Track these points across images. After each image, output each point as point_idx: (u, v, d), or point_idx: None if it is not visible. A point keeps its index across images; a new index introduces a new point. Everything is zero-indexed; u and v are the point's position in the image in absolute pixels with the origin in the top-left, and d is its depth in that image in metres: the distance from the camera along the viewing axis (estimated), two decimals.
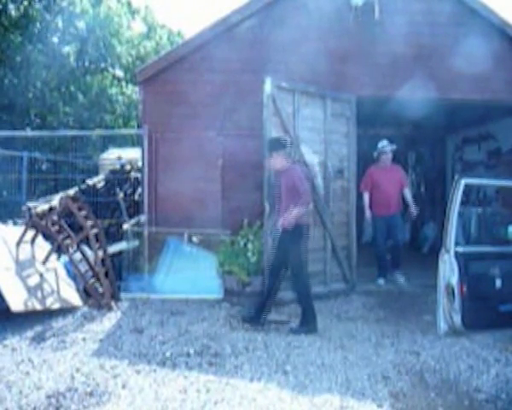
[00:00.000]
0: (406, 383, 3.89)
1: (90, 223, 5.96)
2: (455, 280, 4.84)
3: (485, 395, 3.69)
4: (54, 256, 6.06)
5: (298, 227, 5.02)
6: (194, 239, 6.78)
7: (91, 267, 6.03)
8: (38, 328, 5.02)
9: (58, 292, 5.65)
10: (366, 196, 7.47)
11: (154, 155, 7.09)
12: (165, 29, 20.55)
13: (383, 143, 7.49)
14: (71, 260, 5.88)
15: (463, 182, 4.94)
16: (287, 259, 5.17)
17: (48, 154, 10.07)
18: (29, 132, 11.75)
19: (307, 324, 5.10)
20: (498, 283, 5.00)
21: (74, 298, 5.79)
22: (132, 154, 9.40)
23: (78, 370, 4.01)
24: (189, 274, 6.49)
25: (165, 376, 3.91)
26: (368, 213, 7.44)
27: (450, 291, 4.87)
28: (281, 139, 5.30)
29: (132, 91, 17.37)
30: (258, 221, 6.45)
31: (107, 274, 6.02)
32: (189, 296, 6.19)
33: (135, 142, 11.92)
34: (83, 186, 8.09)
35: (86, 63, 16.54)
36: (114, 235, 7.23)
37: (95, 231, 5.99)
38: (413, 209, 7.37)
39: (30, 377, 3.88)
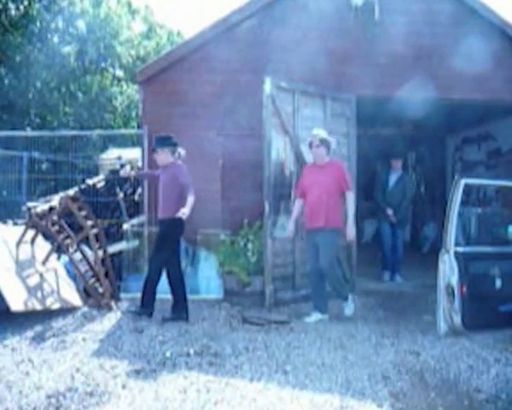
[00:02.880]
0: (406, 383, 3.88)
1: (90, 223, 5.96)
2: (455, 280, 4.84)
3: (485, 395, 3.69)
4: (54, 256, 6.06)
5: (179, 220, 5.25)
6: (195, 239, 6.78)
7: (91, 267, 6.03)
8: (38, 328, 5.02)
9: (58, 292, 5.65)
10: (296, 204, 5.76)
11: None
12: (165, 29, 20.55)
13: (314, 132, 5.64)
14: (71, 260, 5.88)
15: (463, 182, 4.94)
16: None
17: (48, 154, 10.06)
18: (29, 132, 11.76)
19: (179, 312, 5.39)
20: (498, 283, 5.00)
21: (74, 298, 5.79)
22: (132, 154, 9.40)
23: (78, 370, 4.01)
24: (190, 274, 6.49)
25: (165, 376, 3.91)
26: (289, 227, 5.69)
27: (450, 291, 4.87)
28: (168, 137, 5.55)
29: (132, 91, 17.38)
30: (258, 221, 6.45)
31: (107, 274, 6.02)
32: (189, 296, 6.19)
33: (135, 142, 11.92)
34: (83, 186, 8.08)
35: (86, 63, 16.53)
36: (114, 235, 7.23)
37: (95, 231, 5.99)
38: (349, 230, 5.52)
39: (30, 377, 3.88)
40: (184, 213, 5.04)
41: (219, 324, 5.30)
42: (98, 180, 8.31)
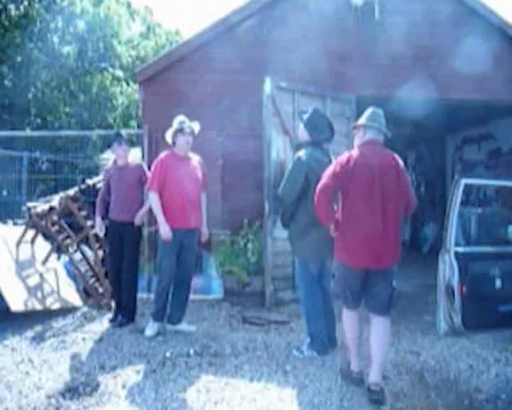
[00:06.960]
0: (406, 383, 3.88)
1: (90, 223, 5.96)
2: (455, 280, 4.84)
3: (485, 395, 3.69)
4: (54, 256, 6.06)
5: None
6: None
7: (91, 267, 6.03)
8: (38, 328, 5.02)
9: (58, 292, 5.65)
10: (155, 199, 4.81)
11: (154, 155, 7.08)
12: (165, 29, 20.54)
13: (183, 118, 5.14)
14: (71, 260, 5.88)
15: (463, 182, 4.94)
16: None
17: (48, 154, 10.06)
18: (29, 132, 11.76)
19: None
20: (498, 283, 4.99)
21: (74, 298, 5.79)
22: (132, 154, 9.38)
23: (78, 370, 4.01)
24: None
25: (165, 376, 3.92)
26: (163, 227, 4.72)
27: (450, 291, 4.86)
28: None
29: (132, 91, 17.37)
30: (258, 221, 6.45)
31: (107, 274, 6.02)
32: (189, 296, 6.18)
33: (135, 142, 11.91)
34: (83, 186, 8.08)
35: (86, 63, 16.52)
36: None
37: (95, 231, 5.99)
38: (204, 230, 4.97)
39: (30, 377, 3.88)
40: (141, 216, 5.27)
41: (219, 324, 5.30)
42: (98, 180, 8.30)
